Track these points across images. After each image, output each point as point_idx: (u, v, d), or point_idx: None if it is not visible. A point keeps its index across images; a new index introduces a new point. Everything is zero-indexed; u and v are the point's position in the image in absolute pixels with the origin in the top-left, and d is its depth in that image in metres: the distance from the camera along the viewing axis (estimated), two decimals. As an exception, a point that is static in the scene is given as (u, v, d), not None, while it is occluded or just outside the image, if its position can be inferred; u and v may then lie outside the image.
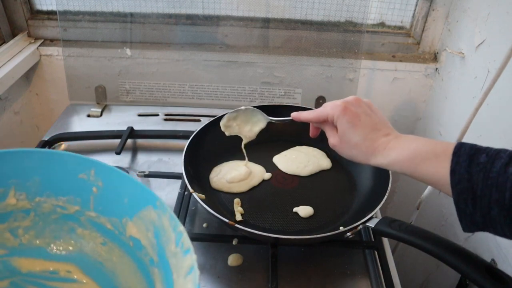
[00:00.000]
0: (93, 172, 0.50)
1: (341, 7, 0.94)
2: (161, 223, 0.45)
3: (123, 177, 0.49)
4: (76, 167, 0.50)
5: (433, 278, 0.91)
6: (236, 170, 0.75)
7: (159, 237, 0.46)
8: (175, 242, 0.43)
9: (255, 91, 1.02)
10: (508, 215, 0.39)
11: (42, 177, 0.51)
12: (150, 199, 0.46)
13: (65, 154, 0.50)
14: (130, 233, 0.49)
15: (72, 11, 0.96)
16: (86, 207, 0.52)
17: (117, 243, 0.52)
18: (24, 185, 0.51)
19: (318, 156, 0.81)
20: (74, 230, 0.54)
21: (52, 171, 0.50)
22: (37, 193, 0.51)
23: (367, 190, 0.73)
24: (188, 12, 0.97)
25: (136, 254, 0.50)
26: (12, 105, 0.98)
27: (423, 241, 0.52)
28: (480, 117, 0.76)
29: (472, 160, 0.41)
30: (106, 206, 0.51)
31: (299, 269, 0.64)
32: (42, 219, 0.53)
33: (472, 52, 0.82)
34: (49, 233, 0.54)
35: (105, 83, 1.00)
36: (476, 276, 0.47)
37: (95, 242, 0.53)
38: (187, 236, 0.42)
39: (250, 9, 0.96)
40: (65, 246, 0.54)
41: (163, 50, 0.99)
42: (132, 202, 0.48)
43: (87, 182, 0.50)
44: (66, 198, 0.52)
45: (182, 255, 0.42)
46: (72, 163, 0.50)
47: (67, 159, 0.50)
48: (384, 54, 1.01)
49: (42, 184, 0.51)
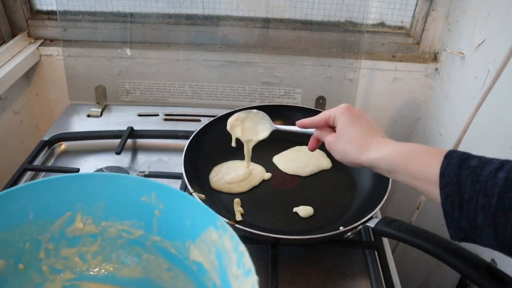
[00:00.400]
0: (154, 195, 0.49)
1: (341, 7, 0.94)
2: (222, 244, 0.44)
3: (184, 198, 0.48)
4: (137, 190, 0.50)
5: (433, 278, 0.91)
6: (235, 171, 0.75)
7: (221, 259, 0.45)
8: (236, 264, 0.42)
9: (255, 91, 1.02)
10: (493, 223, 0.37)
11: (106, 201, 0.51)
12: (211, 220, 0.45)
13: (126, 177, 0.50)
14: (193, 257, 0.48)
15: (72, 11, 0.96)
16: (150, 231, 0.51)
17: (182, 268, 0.51)
18: (90, 209, 0.51)
19: (318, 156, 0.81)
20: (140, 256, 0.53)
21: (115, 194, 0.50)
22: (102, 218, 0.51)
23: (367, 190, 0.73)
24: (188, 12, 0.97)
25: (200, 279, 0.49)
26: (12, 105, 0.98)
27: (423, 241, 0.52)
28: (480, 117, 0.76)
29: (463, 163, 0.40)
30: (169, 229, 0.50)
31: (299, 269, 0.64)
32: (109, 244, 0.53)
33: (472, 52, 0.82)
34: (116, 258, 0.53)
35: (105, 83, 1.00)
36: (476, 276, 0.47)
37: (161, 268, 0.52)
38: (248, 256, 0.40)
39: (250, 9, 0.96)
40: (131, 272, 0.53)
41: (163, 50, 0.99)
42: (193, 224, 0.47)
43: (149, 205, 0.50)
44: (130, 222, 0.51)
45: (244, 277, 0.40)
46: (133, 185, 0.50)
47: (128, 182, 0.50)
48: (384, 54, 1.01)
49: (106, 208, 0.51)
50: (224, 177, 0.74)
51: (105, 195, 0.50)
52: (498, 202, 0.37)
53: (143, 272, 0.53)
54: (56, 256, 0.51)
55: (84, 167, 0.79)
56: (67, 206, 0.50)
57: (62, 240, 0.51)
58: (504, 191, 0.37)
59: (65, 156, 0.85)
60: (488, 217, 0.38)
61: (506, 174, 0.37)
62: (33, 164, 0.79)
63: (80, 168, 0.77)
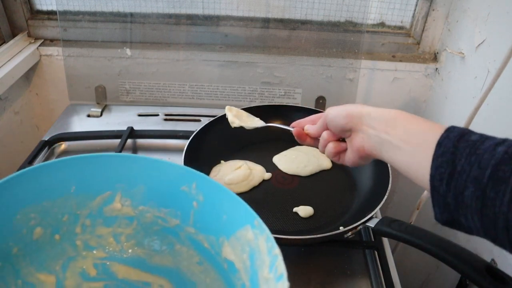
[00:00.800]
0: (194, 185, 0.49)
1: (341, 7, 0.94)
2: (257, 245, 0.43)
3: (224, 193, 0.47)
4: (179, 178, 0.49)
5: (433, 278, 0.91)
6: (235, 171, 0.75)
7: (253, 260, 0.44)
8: (269, 267, 0.41)
9: (255, 91, 1.02)
10: (481, 197, 0.35)
11: (146, 185, 0.50)
12: (249, 218, 0.44)
13: (170, 164, 0.50)
14: (225, 255, 0.47)
15: (72, 11, 0.96)
16: (186, 222, 0.50)
17: (213, 264, 0.50)
18: (130, 191, 0.51)
19: (318, 156, 0.81)
20: (173, 245, 0.53)
21: (156, 179, 0.50)
22: (141, 202, 0.51)
23: (367, 190, 0.73)
24: (188, 12, 0.97)
25: (229, 277, 0.47)
26: (12, 105, 0.98)
27: (423, 241, 0.52)
28: (480, 117, 0.76)
29: (463, 137, 0.38)
30: (205, 222, 0.49)
31: (299, 269, 0.64)
32: (144, 229, 0.53)
33: (472, 52, 0.82)
34: (149, 244, 0.53)
35: (105, 83, 1.00)
36: (476, 276, 0.47)
37: (192, 260, 0.52)
38: (281, 260, 0.39)
39: (250, 9, 0.96)
40: (162, 260, 0.53)
41: (163, 50, 0.99)
42: (230, 220, 0.46)
43: (189, 196, 0.49)
44: (168, 210, 0.51)
45: (275, 281, 0.39)
46: (175, 173, 0.49)
47: (171, 169, 0.49)
48: (384, 54, 1.01)
49: (146, 193, 0.51)
50: (224, 178, 0.74)
51: (146, 179, 0.50)
52: (492, 173, 0.35)
53: (173, 262, 0.52)
54: (91, 233, 0.51)
55: (84, 167, 0.79)
56: (109, 184, 0.50)
57: (99, 218, 0.51)
58: (500, 163, 0.35)
59: (65, 156, 0.84)
60: (478, 190, 0.35)
61: (505, 148, 0.36)
62: (33, 164, 0.79)
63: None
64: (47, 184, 0.47)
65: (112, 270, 0.51)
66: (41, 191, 0.47)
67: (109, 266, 0.52)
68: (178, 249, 0.52)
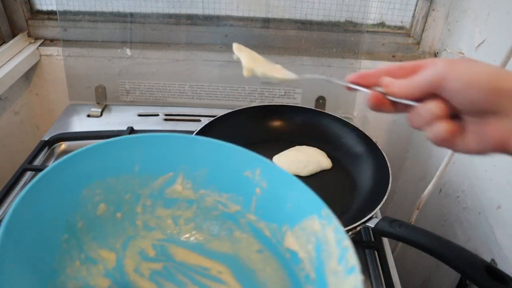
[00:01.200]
0: (258, 171, 0.47)
1: (341, 7, 0.94)
2: (324, 235, 0.41)
3: (291, 180, 0.45)
4: (242, 163, 0.47)
5: (433, 278, 0.91)
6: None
7: (319, 251, 0.41)
8: (337, 259, 0.39)
9: (255, 91, 1.02)
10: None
11: (209, 169, 0.49)
12: (316, 207, 0.42)
13: (234, 147, 0.48)
14: (287, 245, 0.45)
15: (72, 11, 0.96)
16: (247, 209, 0.49)
17: (274, 253, 0.48)
18: (192, 174, 0.49)
19: (318, 156, 0.81)
20: (232, 232, 0.51)
21: (219, 163, 0.48)
22: (202, 185, 0.50)
23: (367, 190, 0.73)
24: (188, 12, 0.97)
25: (292, 267, 0.45)
26: (12, 105, 0.98)
27: (423, 241, 0.52)
28: (480, 117, 0.76)
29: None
30: (267, 210, 0.47)
31: (299, 269, 0.64)
32: (203, 213, 0.51)
33: (472, 52, 0.82)
34: (208, 229, 0.52)
35: (105, 83, 1.00)
36: (476, 276, 0.47)
37: (251, 248, 0.50)
38: (353, 253, 0.37)
39: (250, 9, 0.96)
40: (220, 245, 0.51)
41: (163, 50, 0.99)
42: (295, 209, 0.44)
43: (251, 182, 0.47)
44: (229, 195, 0.49)
45: (345, 274, 0.37)
46: (239, 157, 0.47)
47: (235, 153, 0.47)
48: (384, 54, 1.01)
49: (208, 176, 0.49)
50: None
51: (210, 162, 0.48)
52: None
53: (232, 248, 0.51)
54: (151, 213, 0.50)
55: (84, 167, 0.79)
56: (172, 166, 0.49)
57: (159, 199, 0.50)
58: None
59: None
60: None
61: None
62: (33, 164, 0.79)
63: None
64: (113, 160, 0.46)
65: (170, 252, 0.50)
66: (107, 168, 0.46)
67: (167, 248, 0.51)
68: (237, 236, 0.51)
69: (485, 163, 0.74)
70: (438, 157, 0.94)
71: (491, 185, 0.73)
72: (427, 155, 1.00)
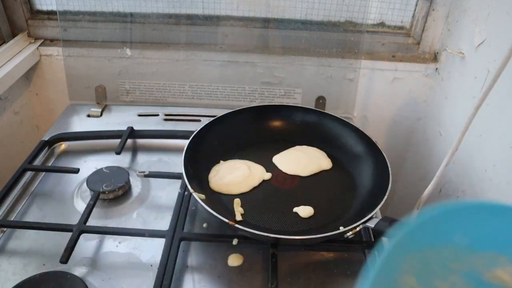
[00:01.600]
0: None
1: (341, 7, 0.94)
2: None
3: None
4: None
5: (433, 278, 0.90)
6: (234, 172, 0.75)
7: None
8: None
9: (255, 91, 1.02)
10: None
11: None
12: None
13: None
14: None
15: (72, 11, 0.96)
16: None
17: None
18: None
19: (318, 156, 0.81)
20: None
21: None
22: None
23: (367, 190, 0.73)
24: (188, 12, 0.97)
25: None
26: (12, 105, 0.98)
27: (423, 241, 0.52)
28: (480, 117, 0.76)
29: None
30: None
31: (299, 269, 0.64)
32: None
33: (472, 52, 0.82)
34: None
35: (105, 83, 1.00)
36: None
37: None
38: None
39: (250, 9, 0.96)
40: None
41: (163, 50, 0.99)
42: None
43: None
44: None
45: None
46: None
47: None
48: (384, 54, 1.01)
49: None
50: (223, 179, 0.74)
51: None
52: None
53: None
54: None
55: (84, 167, 0.79)
56: (505, 245, 0.37)
57: (471, 280, 0.38)
58: None
59: (65, 156, 0.85)
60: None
61: None
62: (33, 164, 0.79)
63: (80, 168, 0.77)
64: (438, 228, 0.37)
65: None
66: (429, 236, 0.37)
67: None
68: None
69: (485, 163, 0.74)
70: (438, 157, 0.94)
71: (491, 185, 0.73)
72: (427, 155, 1.00)
